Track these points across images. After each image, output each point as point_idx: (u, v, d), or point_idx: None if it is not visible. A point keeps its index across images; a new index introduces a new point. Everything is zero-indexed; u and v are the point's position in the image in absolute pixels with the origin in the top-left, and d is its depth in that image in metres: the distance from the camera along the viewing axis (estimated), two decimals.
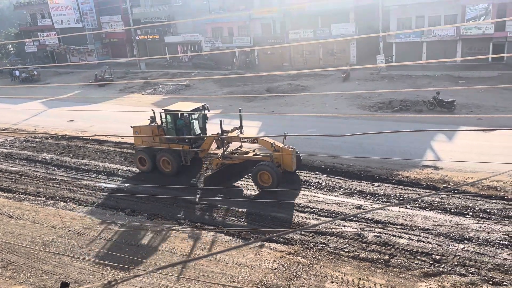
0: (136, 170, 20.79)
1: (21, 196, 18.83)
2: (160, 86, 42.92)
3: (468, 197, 15.70)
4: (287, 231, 5.92)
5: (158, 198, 17.58)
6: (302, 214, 15.51)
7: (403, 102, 28.62)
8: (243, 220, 15.60)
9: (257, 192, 17.60)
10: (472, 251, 12.58)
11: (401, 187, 17.02)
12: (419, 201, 15.64)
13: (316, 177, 18.38)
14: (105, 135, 24.99)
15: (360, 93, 31.78)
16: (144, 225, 15.43)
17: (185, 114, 19.06)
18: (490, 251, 12.54)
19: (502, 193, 15.62)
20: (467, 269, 11.85)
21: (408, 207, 15.39)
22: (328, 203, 16.18)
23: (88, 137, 26.24)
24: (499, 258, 12.18)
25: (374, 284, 11.48)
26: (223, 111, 30.19)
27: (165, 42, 58.56)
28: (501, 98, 28.35)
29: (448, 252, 12.61)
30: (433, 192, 16.32)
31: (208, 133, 19.85)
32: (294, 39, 46.51)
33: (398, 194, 16.42)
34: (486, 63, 38.33)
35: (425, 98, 28.19)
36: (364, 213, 15.03)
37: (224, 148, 18.35)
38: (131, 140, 24.90)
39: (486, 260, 12.14)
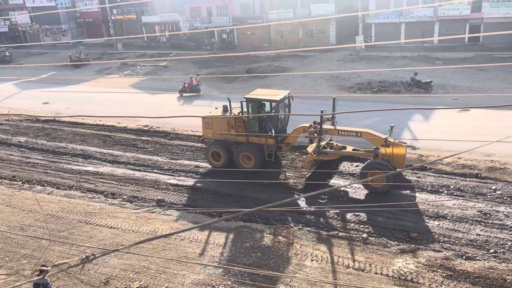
0: (116, 153, 20.50)
1: None
2: (138, 67, 42.13)
3: (443, 175, 16.12)
4: (259, 208, 5.97)
5: (138, 181, 17.47)
6: (283, 195, 15.66)
7: (382, 83, 28.90)
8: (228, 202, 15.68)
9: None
10: (447, 228, 12.99)
11: None
12: (397, 180, 15.96)
13: (295, 158, 18.53)
14: (83, 117, 24.47)
15: (339, 74, 31.91)
16: (125, 207, 15.34)
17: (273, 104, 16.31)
18: (464, 227, 12.97)
19: (476, 171, 16.09)
20: (442, 245, 12.25)
21: None
22: (306, 183, 16.40)
23: (65, 117, 25.66)
24: (472, 234, 12.61)
25: (353, 261, 11.77)
26: (203, 92, 29.98)
27: (142, 22, 57.25)
28: (476, 79, 28.91)
29: (424, 229, 13.00)
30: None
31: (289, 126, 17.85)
32: (273, 19, 46.12)
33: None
34: (463, 44, 38.92)
35: (403, 79, 28.54)
36: (341, 192, 15.27)
37: (318, 143, 16.15)
38: (110, 122, 24.66)
39: (460, 236, 12.56)
